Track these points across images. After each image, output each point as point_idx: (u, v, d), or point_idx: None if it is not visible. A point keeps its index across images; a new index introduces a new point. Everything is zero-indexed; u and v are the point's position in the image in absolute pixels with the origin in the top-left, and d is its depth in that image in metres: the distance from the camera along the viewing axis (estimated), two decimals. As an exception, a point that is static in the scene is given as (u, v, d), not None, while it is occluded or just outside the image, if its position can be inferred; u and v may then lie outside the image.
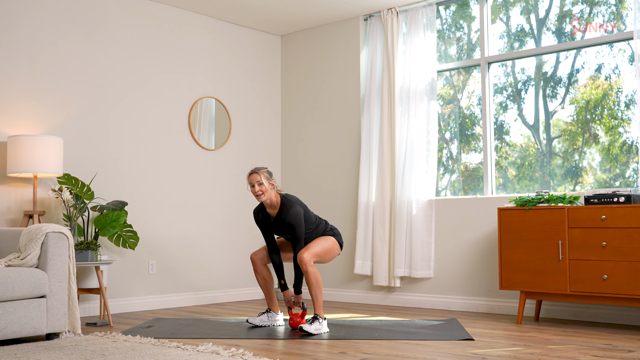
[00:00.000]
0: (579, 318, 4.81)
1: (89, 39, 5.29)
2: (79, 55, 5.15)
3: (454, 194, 5.81)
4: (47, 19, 5.06)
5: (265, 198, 4.30)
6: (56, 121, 5.06)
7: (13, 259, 3.95)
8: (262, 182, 4.27)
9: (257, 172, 4.30)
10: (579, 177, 5.19)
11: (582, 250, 4.35)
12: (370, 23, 6.15)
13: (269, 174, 4.34)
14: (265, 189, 4.28)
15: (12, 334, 3.70)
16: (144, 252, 5.53)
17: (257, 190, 4.27)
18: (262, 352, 3.56)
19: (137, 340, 3.84)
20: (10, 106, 4.82)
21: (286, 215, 4.29)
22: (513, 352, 3.55)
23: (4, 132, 4.76)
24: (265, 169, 4.35)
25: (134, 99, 5.56)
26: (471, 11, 5.79)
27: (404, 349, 3.68)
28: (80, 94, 5.20)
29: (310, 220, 4.41)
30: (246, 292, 6.31)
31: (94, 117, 5.30)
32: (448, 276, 5.52)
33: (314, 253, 4.30)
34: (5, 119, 4.79)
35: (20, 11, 4.91)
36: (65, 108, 5.13)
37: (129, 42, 5.51)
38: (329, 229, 4.51)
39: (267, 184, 4.29)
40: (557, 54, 5.31)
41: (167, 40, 5.80)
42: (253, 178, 4.30)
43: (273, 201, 4.35)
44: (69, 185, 4.72)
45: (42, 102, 5.00)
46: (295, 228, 4.29)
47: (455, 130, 5.89)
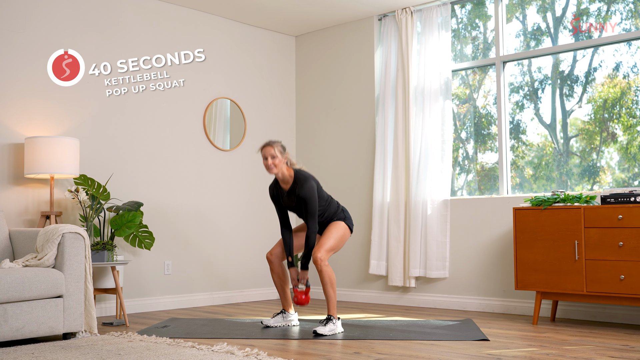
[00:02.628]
0: (595, 319, 4.77)
1: (105, 41, 5.33)
2: (95, 56, 5.18)
3: (470, 193, 5.78)
4: (64, 21, 5.11)
5: (277, 171, 4.23)
6: (72, 122, 5.11)
7: (30, 259, 3.99)
8: (275, 155, 4.20)
9: (270, 145, 4.22)
10: (596, 177, 5.14)
11: (599, 250, 4.30)
12: (385, 23, 6.14)
13: (283, 148, 4.26)
14: (277, 163, 4.20)
15: (29, 333, 3.74)
16: (159, 253, 5.56)
17: (269, 164, 4.19)
18: (277, 352, 3.56)
19: (153, 340, 3.87)
20: (27, 108, 4.88)
21: (300, 190, 4.23)
22: (528, 353, 3.53)
23: (21, 134, 4.82)
24: (279, 142, 4.27)
25: (149, 100, 5.60)
26: (487, 10, 5.76)
27: (418, 349, 3.66)
28: (96, 95, 5.24)
29: (323, 198, 4.35)
30: (261, 292, 6.33)
31: (109, 118, 5.34)
32: (463, 276, 5.49)
33: (327, 249, 4.26)
34: (23, 120, 4.84)
35: (38, 14, 4.96)
36: (81, 109, 5.17)
37: (144, 44, 5.55)
38: (340, 211, 4.45)
39: (280, 158, 4.21)
40: (574, 53, 5.26)
41: (182, 42, 5.82)
42: (266, 151, 4.22)
43: (285, 175, 4.28)
44: (85, 186, 4.76)
45: (59, 104, 5.04)
46: (308, 202, 4.22)
47: (471, 129, 5.87)
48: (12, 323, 3.66)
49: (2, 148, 4.72)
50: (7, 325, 3.64)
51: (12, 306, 3.67)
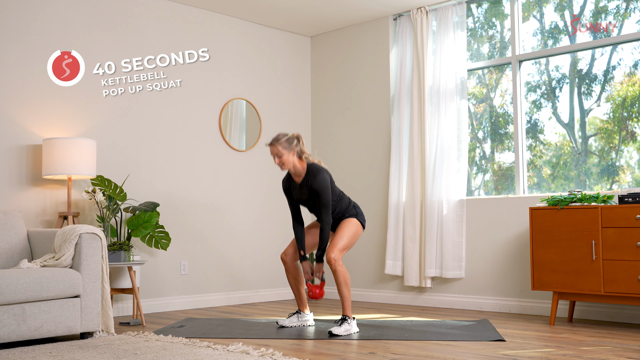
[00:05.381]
0: (613, 319, 4.72)
1: (121, 42, 5.37)
2: (111, 58, 5.22)
3: (487, 193, 5.75)
4: (81, 22, 5.16)
5: (286, 168, 4.26)
6: (89, 124, 5.16)
7: (48, 260, 4.04)
8: (280, 153, 4.21)
9: (273, 145, 4.23)
10: (615, 176, 5.09)
11: (616, 250, 4.26)
12: (400, 22, 6.12)
13: (289, 142, 4.23)
14: (285, 160, 4.21)
15: (47, 332, 3.78)
16: (176, 253, 5.59)
17: (277, 163, 4.24)
18: (292, 352, 3.57)
19: (169, 340, 3.89)
20: (45, 109, 4.93)
21: (312, 181, 4.22)
22: (545, 354, 3.50)
23: (39, 135, 4.87)
24: (285, 138, 4.24)
25: (165, 101, 5.64)
26: (504, 9, 5.72)
27: (434, 349, 3.65)
28: (113, 96, 5.27)
29: (335, 193, 4.34)
30: (277, 293, 6.34)
31: (126, 119, 5.38)
32: (479, 276, 5.46)
33: (340, 248, 4.26)
34: (41, 121, 4.89)
35: (54, 15, 5.02)
36: (98, 110, 5.22)
37: (160, 45, 5.58)
38: (351, 207, 4.43)
39: (287, 154, 4.22)
40: (593, 51, 5.21)
41: (198, 43, 5.85)
42: (271, 151, 4.26)
43: (298, 168, 4.28)
44: (102, 187, 4.80)
45: (76, 105, 5.09)
46: (321, 194, 4.21)
47: (488, 129, 5.83)
48: (31, 322, 3.70)
49: (21, 149, 4.78)
50: (26, 325, 3.68)
51: (31, 306, 3.72)
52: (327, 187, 4.22)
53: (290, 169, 4.28)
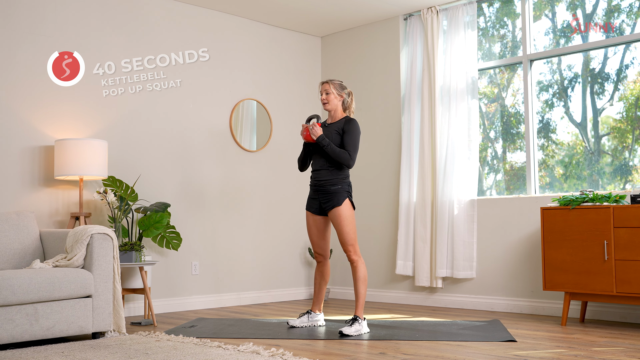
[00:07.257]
0: (626, 320, 4.68)
1: (133, 43, 5.40)
2: (122, 59, 5.24)
3: (499, 193, 5.72)
4: (93, 24, 5.19)
5: (329, 107, 4.46)
6: (101, 125, 5.19)
7: (60, 260, 4.06)
8: (330, 91, 4.43)
9: (328, 82, 4.46)
10: (629, 176, 5.05)
11: (629, 250, 4.23)
12: (410, 22, 6.11)
13: (341, 87, 4.48)
14: (330, 99, 4.44)
15: (59, 332, 3.81)
16: (187, 253, 5.61)
17: (323, 98, 4.44)
18: (302, 352, 3.57)
19: (180, 340, 3.90)
20: (56, 110, 4.96)
21: (347, 125, 4.36)
22: (556, 354, 3.48)
23: (51, 136, 4.90)
24: (340, 82, 4.49)
25: (176, 102, 5.66)
26: (515, 8, 5.69)
27: (444, 349, 3.64)
28: (124, 97, 5.30)
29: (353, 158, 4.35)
30: (288, 293, 6.34)
31: (137, 120, 5.41)
32: (491, 277, 5.44)
33: (352, 243, 4.33)
34: (53, 122, 4.93)
35: (67, 17, 5.05)
36: (109, 112, 5.25)
37: (171, 46, 5.60)
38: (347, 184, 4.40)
39: (335, 95, 4.43)
40: (605, 50, 5.17)
41: (209, 43, 5.87)
42: (323, 87, 4.47)
43: (337, 112, 4.48)
44: (113, 188, 4.83)
45: (88, 106, 5.12)
46: (350, 135, 4.33)
47: (499, 129, 5.80)
48: (43, 322, 3.73)
49: (33, 150, 4.81)
50: (38, 325, 3.71)
51: (43, 306, 3.75)
52: (357, 132, 4.37)
53: (330, 109, 4.45)
